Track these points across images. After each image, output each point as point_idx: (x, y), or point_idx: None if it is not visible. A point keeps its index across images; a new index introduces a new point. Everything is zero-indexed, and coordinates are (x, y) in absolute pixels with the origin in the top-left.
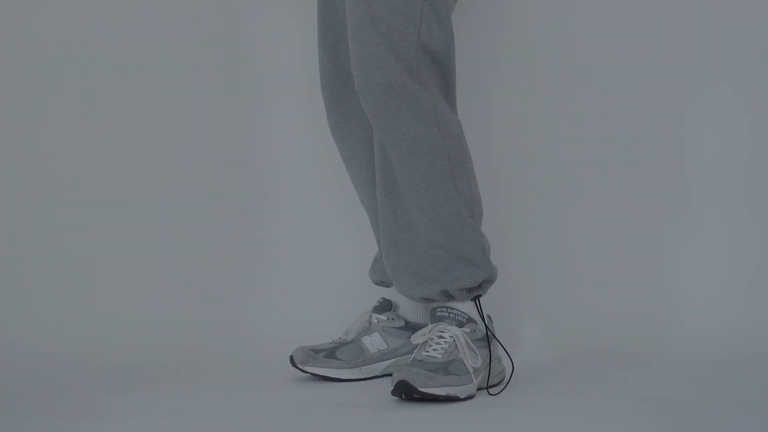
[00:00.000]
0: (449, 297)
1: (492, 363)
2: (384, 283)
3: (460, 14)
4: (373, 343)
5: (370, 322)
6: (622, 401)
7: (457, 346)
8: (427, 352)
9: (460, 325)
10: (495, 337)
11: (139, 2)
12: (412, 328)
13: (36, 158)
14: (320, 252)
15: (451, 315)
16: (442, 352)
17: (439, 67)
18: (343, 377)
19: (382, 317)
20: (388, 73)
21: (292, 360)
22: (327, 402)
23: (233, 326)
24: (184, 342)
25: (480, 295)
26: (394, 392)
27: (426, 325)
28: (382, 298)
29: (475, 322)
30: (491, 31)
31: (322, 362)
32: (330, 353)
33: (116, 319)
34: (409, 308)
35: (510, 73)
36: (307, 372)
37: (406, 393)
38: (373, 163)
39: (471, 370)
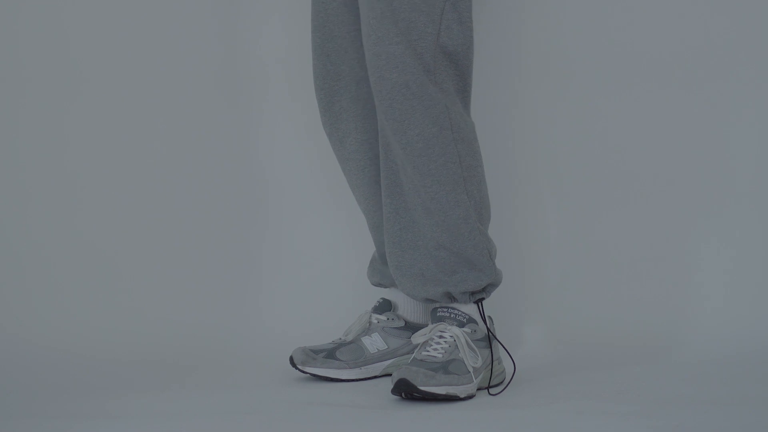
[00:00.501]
0: (452, 299)
1: (493, 364)
2: (382, 285)
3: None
4: (373, 343)
5: (369, 323)
6: (622, 401)
7: (457, 345)
8: (428, 351)
9: (461, 325)
10: (496, 338)
11: (137, 3)
12: (411, 328)
13: (36, 158)
14: (321, 252)
15: (452, 315)
16: (443, 351)
17: (456, 68)
18: (343, 377)
19: (382, 317)
20: (406, 72)
21: (291, 360)
22: (327, 402)
23: (233, 326)
24: (183, 342)
25: (483, 299)
26: (394, 391)
27: (426, 326)
28: (382, 298)
29: (476, 322)
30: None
31: (321, 363)
32: (330, 354)
33: (115, 319)
34: (408, 308)
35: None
36: (306, 372)
37: (406, 391)
38: (371, 164)
39: (471, 370)
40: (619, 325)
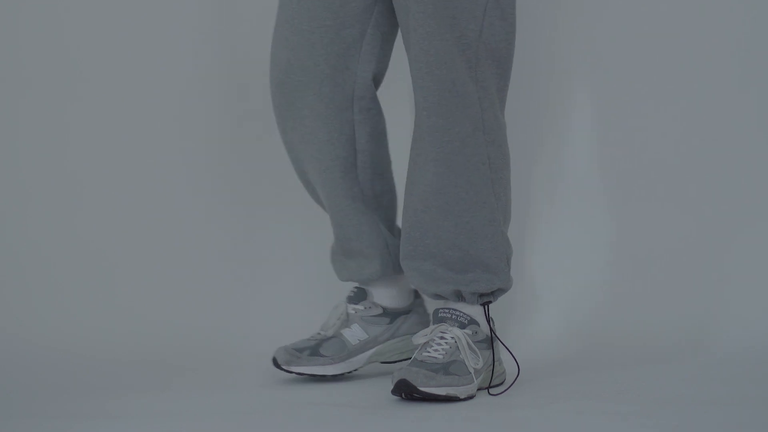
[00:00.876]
0: (460, 297)
1: (494, 365)
2: (352, 280)
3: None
4: (354, 334)
5: (347, 314)
6: (622, 401)
7: (458, 347)
8: (428, 352)
9: (462, 326)
10: (501, 341)
11: (137, 3)
12: (389, 314)
13: (36, 158)
14: (322, 253)
15: (453, 316)
16: (443, 352)
17: (498, 66)
18: (330, 373)
19: (359, 307)
20: (454, 70)
21: (275, 362)
22: (327, 402)
23: (233, 327)
24: (183, 343)
25: (490, 302)
26: (395, 391)
27: (405, 310)
28: (356, 287)
29: (477, 323)
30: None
31: (307, 361)
32: (314, 350)
33: (115, 319)
34: (383, 294)
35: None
36: (292, 372)
37: (407, 392)
38: (335, 164)
39: (472, 371)
40: (618, 325)
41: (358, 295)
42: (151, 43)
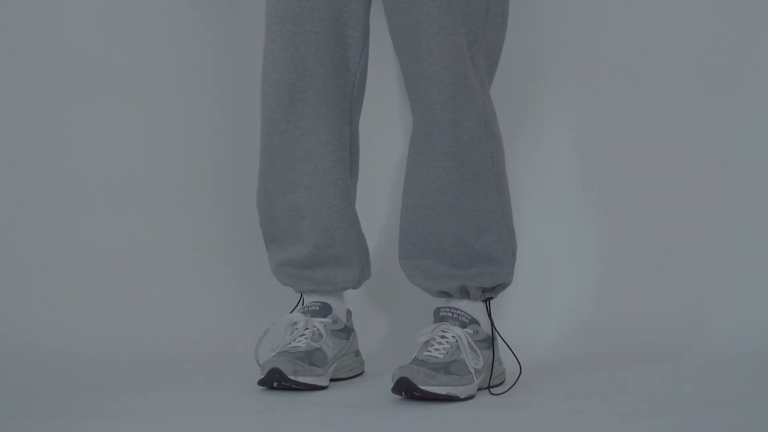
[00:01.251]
0: (465, 293)
1: (494, 365)
2: (314, 291)
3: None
4: (330, 347)
5: (318, 328)
6: (622, 401)
7: (459, 346)
8: (429, 351)
9: (463, 325)
10: (503, 340)
11: (138, 3)
12: (346, 329)
13: (36, 158)
14: None
15: (455, 315)
16: (444, 352)
17: (490, 62)
18: (322, 384)
19: (327, 320)
20: (465, 65)
21: (279, 372)
22: (327, 402)
23: (234, 326)
24: (183, 342)
25: (491, 298)
26: (395, 390)
27: (351, 326)
28: (320, 301)
29: (478, 323)
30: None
31: (309, 371)
32: (311, 361)
33: (115, 319)
34: (341, 308)
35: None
36: (299, 382)
37: (407, 391)
38: (334, 166)
39: (472, 371)
40: (619, 325)
41: (324, 309)
42: (151, 43)
